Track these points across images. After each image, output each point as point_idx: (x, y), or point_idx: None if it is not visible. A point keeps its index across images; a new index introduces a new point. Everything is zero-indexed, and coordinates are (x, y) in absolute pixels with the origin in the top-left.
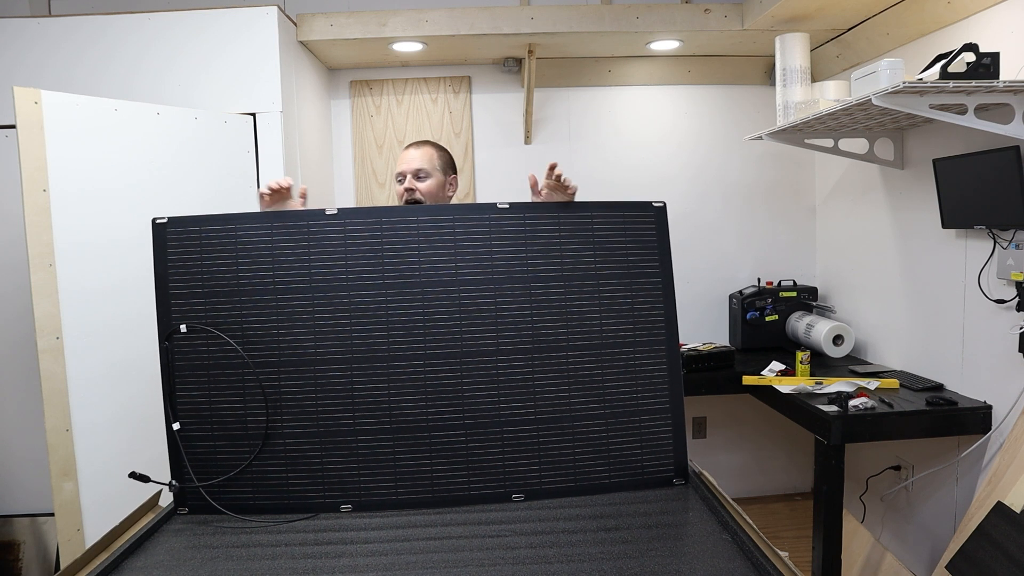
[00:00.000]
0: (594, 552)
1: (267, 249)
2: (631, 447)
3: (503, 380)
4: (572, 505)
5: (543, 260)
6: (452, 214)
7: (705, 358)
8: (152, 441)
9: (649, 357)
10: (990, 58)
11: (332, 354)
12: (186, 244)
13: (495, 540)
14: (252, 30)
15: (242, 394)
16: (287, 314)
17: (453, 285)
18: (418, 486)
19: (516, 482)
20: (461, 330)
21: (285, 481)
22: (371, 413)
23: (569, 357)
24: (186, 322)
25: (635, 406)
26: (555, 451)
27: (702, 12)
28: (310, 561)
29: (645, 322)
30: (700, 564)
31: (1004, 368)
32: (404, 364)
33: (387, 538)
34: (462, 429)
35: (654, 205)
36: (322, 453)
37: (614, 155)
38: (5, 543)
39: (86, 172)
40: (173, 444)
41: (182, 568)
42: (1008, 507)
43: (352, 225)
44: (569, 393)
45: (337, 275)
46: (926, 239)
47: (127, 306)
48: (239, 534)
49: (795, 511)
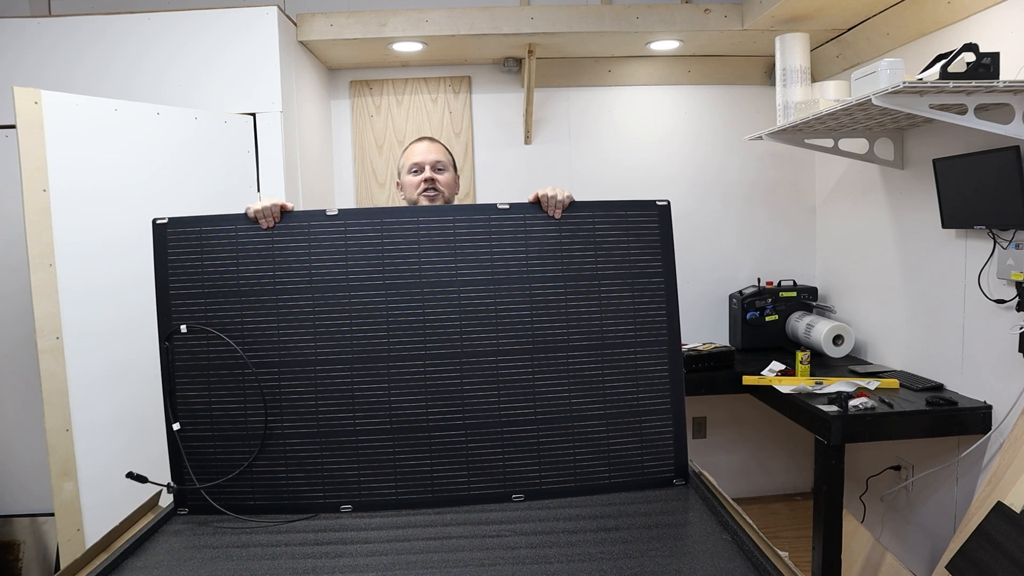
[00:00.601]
0: (594, 552)
1: (268, 250)
2: (631, 447)
3: (503, 380)
4: (572, 505)
5: (544, 260)
6: (452, 215)
7: (705, 358)
8: (152, 441)
9: (651, 357)
10: (990, 58)
11: (333, 355)
12: (186, 245)
13: (495, 540)
14: (252, 30)
15: (242, 395)
16: (288, 315)
17: (453, 286)
18: (418, 486)
19: (516, 482)
20: (461, 330)
21: (285, 481)
22: (372, 413)
23: (570, 357)
24: (186, 323)
25: (636, 406)
26: (555, 451)
27: (702, 12)
28: (310, 561)
29: (647, 322)
30: (700, 564)
31: (1004, 368)
32: (405, 364)
33: (387, 538)
34: (462, 429)
35: (658, 204)
36: (322, 453)
37: (614, 155)
38: (5, 543)
39: (86, 172)
40: (173, 444)
41: (182, 568)
42: (1008, 507)
43: (353, 226)
44: (569, 393)
45: (338, 276)
46: (926, 239)
47: (127, 306)
48: (239, 534)
49: (795, 511)
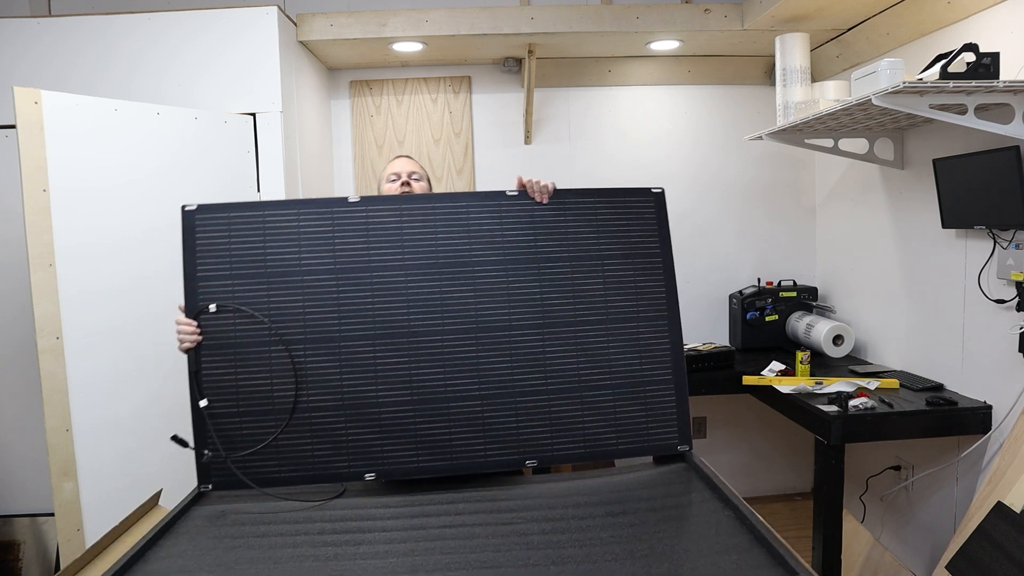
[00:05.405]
0: (604, 536)
1: (294, 234)
2: (637, 415)
3: (516, 353)
4: (580, 492)
5: (551, 242)
6: (466, 201)
7: (705, 358)
8: (152, 441)
9: (652, 330)
10: (990, 58)
11: (356, 331)
12: (215, 229)
13: (508, 527)
14: (252, 30)
15: (268, 370)
16: (313, 294)
17: (468, 265)
18: (438, 454)
19: (529, 449)
20: (476, 307)
21: (311, 453)
22: (393, 385)
23: (577, 331)
24: (214, 303)
25: (640, 377)
26: (565, 419)
27: (702, 12)
28: (330, 548)
29: (647, 298)
30: (706, 542)
31: (1004, 368)
32: (424, 339)
33: (404, 526)
34: (479, 400)
35: (653, 191)
36: (347, 425)
37: (614, 155)
38: (5, 543)
39: (86, 172)
40: (199, 421)
41: (205, 557)
42: (1008, 507)
43: (374, 211)
44: (578, 365)
45: (360, 257)
46: (926, 239)
47: (127, 306)
48: (257, 524)
49: (795, 511)
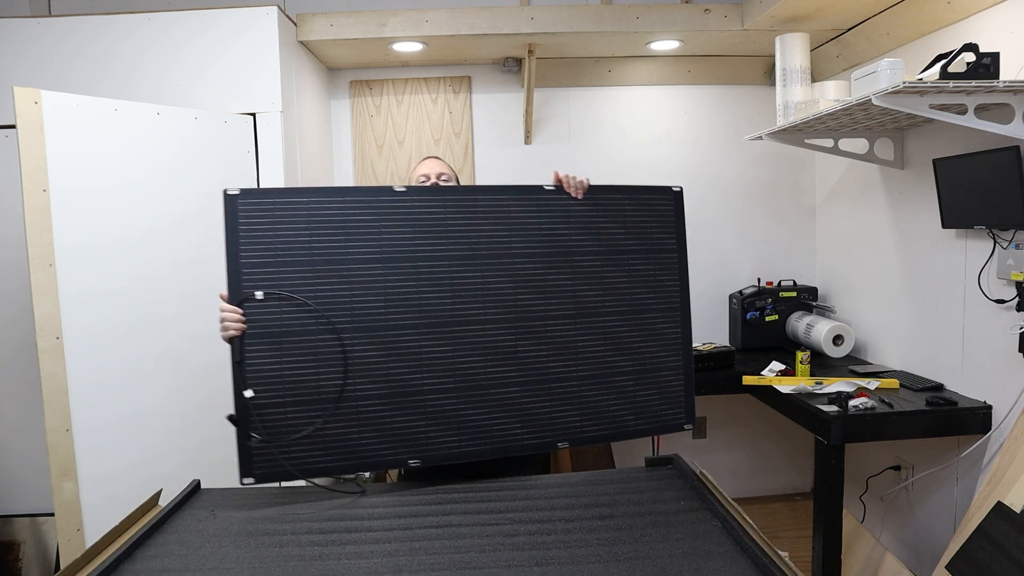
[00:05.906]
0: (590, 538)
1: (340, 222)
2: (653, 398)
3: (551, 341)
4: (567, 495)
5: (583, 236)
6: (506, 194)
7: (705, 358)
8: (152, 440)
9: (667, 321)
10: (990, 58)
11: (403, 320)
12: (259, 215)
13: (495, 528)
14: (252, 30)
15: (315, 359)
16: (360, 283)
17: (508, 257)
18: (478, 439)
19: (561, 432)
20: (515, 297)
21: (357, 441)
22: (438, 373)
23: (605, 321)
24: (258, 290)
25: (656, 363)
26: (593, 403)
27: (702, 12)
28: (317, 548)
29: (664, 290)
30: (690, 546)
31: (1004, 368)
32: (466, 327)
33: (391, 526)
34: (517, 385)
35: (673, 190)
36: (392, 412)
37: (614, 155)
38: (5, 543)
39: (86, 172)
40: (243, 412)
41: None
42: (1008, 507)
43: (419, 202)
44: (605, 352)
45: (406, 246)
46: (926, 239)
47: (128, 306)
48: (245, 524)
49: (795, 511)
